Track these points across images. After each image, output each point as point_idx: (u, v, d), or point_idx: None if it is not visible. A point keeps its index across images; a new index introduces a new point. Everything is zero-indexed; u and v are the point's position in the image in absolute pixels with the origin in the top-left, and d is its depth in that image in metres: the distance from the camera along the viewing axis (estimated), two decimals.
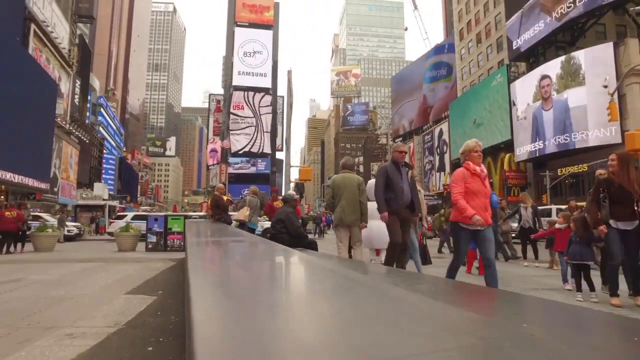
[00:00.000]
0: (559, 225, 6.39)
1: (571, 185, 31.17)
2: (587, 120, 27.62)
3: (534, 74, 32.95)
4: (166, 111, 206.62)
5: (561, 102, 29.61)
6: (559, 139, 29.82)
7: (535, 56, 35.43)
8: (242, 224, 9.13)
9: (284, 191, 56.52)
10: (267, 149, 61.12)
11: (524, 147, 33.50)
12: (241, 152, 60.21)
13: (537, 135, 31.91)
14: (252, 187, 9.85)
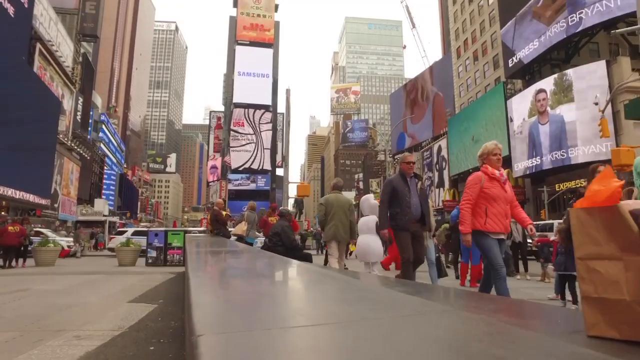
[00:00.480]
0: (554, 237, 6.56)
1: (569, 200, 31.30)
2: (582, 136, 27.96)
3: (529, 91, 33.47)
4: (167, 128, 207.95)
5: (557, 116, 30.01)
6: (555, 155, 30.10)
7: (531, 73, 36.01)
8: (240, 238, 9.37)
9: (289, 206, 56.65)
10: (267, 166, 61.48)
11: (522, 163, 33.78)
12: (241, 168, 60.55)
13: (533, 150, 32.22)
14: (250, 202, 10.13)
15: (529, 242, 9.83)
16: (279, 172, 71.31)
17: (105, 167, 65.66)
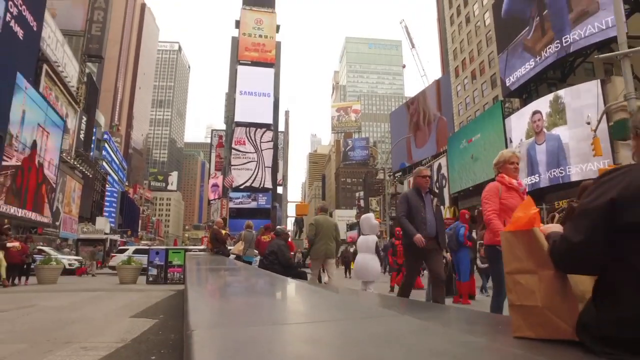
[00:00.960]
0: None
1: (560, 214, 31.45)
2: (579, 154, 28.26)
3: (526, 110, 33.93)
4: (169, 146, 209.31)
5: (553, 135, 30.39)
6: (553, 172, 30.37)
7: (528, 92, 36.57)
8: (238, 257, 9.62)
9: (288, 225, 56.67)
10: (268, 184, 61.75)
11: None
12: (242, 187, 60.81)
13: (531, 169, 32.53)
14: (247, 222, 10.41)
15: None
16: (280, 190, 71.68)
17: (107, 185, 66.01)
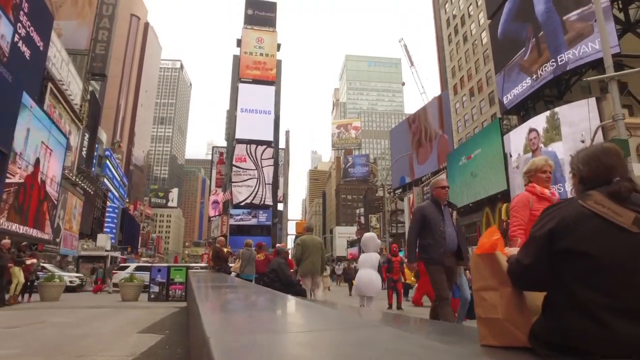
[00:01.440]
0: None
1: None
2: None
3: (523, 127, 34.33)
4: (170, 163, 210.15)
5: (550, 153, 30.70)
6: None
7: (525, 109, 37.06)
8: (238, 275, 9.86)
9: (289, 243, 56.62)
10: (268, 201, 61.92)
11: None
12: (243, 203, 60.97)
13: None
14: (246, 240, 10.71)
15: None
16: (281, 207, 71.79)
17: (107, 202, 66.18)
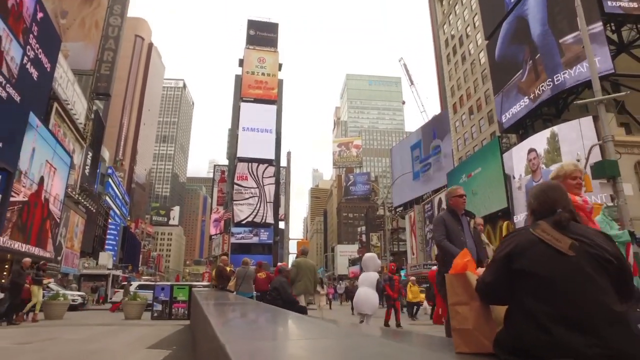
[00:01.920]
0: None
1: None
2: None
3: (524, 146, 34.62)
4: (171, 181, 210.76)
5: (549, 172, 30.90)
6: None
7: (524, 128, 37.47)
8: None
9: (290, 262, 56.54)
10: (269, 219, 62.04)
11: (521, 215, 34.39)
12: (244, 222, 61.09)
13: None
14: (244, 258, 11.00)
15: None
16: (282, 225, 71.81)
17: (109, 220, 66.33)
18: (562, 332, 1.52)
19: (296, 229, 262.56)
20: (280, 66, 72.67)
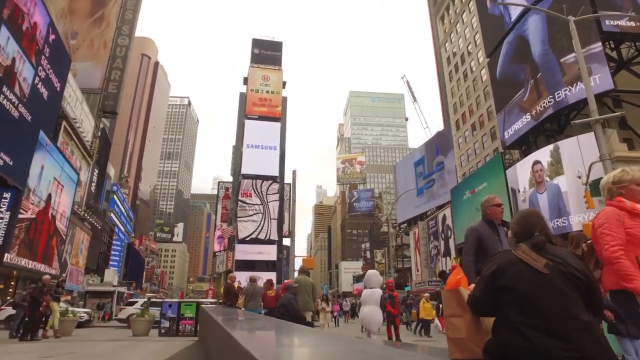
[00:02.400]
0: None
1: None
2: (579, 204, 28.72)
3: (528, 160, 34.76)
4: (176, 197, 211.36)
5: (553, 185, 31.04)
6: (556, 222, 30.70)
7: (527, 144, 37.71)
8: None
9: (294, 276, 56.42)
10: (274, 236, 61.95)
11: None
12: (248, 238, 61.05)
13: None
14: (251, 275, 11.19)
15: None
16: (287, 241, 71.62)
17: (114, 237, 66.57)
18: (540, 339, 1.81)
19: (300, 245, 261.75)
20: (284, 84, 73.48)
